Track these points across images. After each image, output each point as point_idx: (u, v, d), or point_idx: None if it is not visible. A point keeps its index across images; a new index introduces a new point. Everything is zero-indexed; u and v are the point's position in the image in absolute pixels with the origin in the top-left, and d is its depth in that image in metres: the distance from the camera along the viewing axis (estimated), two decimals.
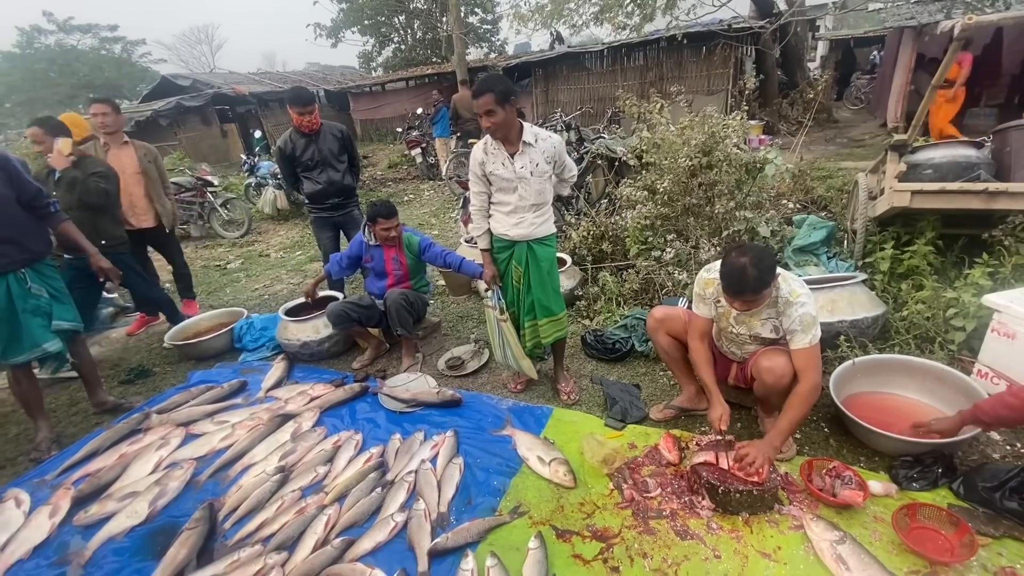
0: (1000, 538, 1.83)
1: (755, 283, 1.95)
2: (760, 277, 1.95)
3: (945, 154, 3.47)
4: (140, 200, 4.11)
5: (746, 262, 1.95)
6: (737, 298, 2.03)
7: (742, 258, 1.96)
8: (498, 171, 2.52)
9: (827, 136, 10.01)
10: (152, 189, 4.12)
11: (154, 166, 4.14)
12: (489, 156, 2.54)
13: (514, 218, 2.61)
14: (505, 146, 2.50)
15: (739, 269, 1.96)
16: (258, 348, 3.77)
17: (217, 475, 2.55)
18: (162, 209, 4.19)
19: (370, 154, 13.85)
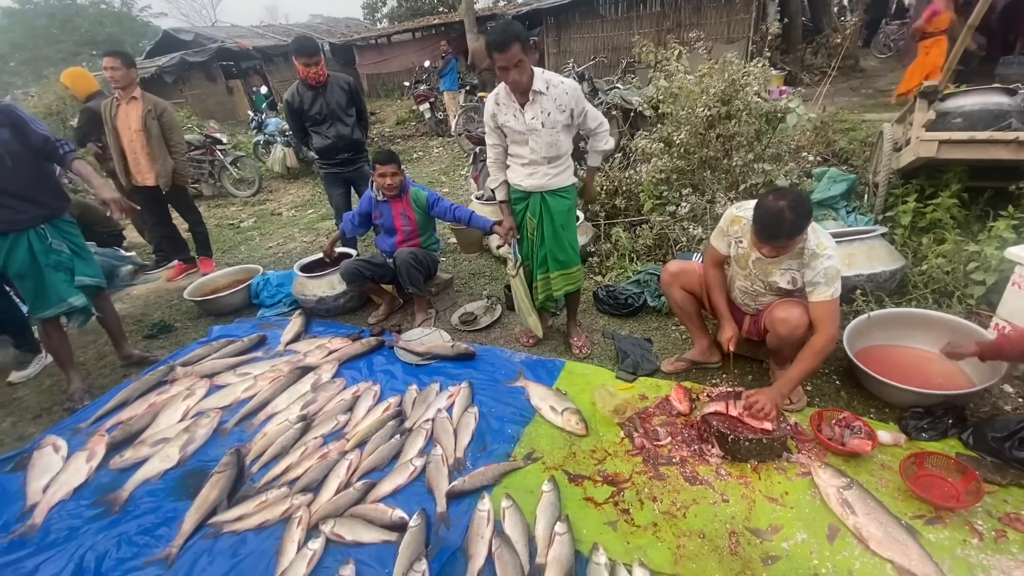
0: (1006, 486, 1.86)
1: (791, 228, 1.91)
2: (796, 222, 1.91)
3: (976, 101, 3.30)
4: (143, 158, 4.08)
5: (784, 206, 1.89)
6: (770, 242, 1.99)
7: (780, 201, 1.91)
8: (510, 123, 2.45)
9: (852, 86, 9.56)
10: (152, 146, 4.04)
11: (157, 122, 4.05)
12: (501, 107, 2.46)
13: (528, 169, 2.55)
14: (516, 96, 2.39)
15: (776, 212, 1.91)
16: (275, 304, 3.84)
17: (242, 423, 2.65)
18: (160, 167, 4.10)
19: (377, 110, 13.57)
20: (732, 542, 1.77)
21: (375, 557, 1.85)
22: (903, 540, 1.68)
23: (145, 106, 4.01)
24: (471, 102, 8.94)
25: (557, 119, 2.39)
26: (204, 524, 2.07)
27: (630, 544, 1.80)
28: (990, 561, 1.63)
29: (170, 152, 4.15)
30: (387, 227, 3.43)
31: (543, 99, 2.36)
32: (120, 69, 3.84)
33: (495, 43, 2.17)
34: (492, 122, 2.53)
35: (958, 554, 1.66)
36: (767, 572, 1.66)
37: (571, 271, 2.77)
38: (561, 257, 2.71)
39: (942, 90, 3.43)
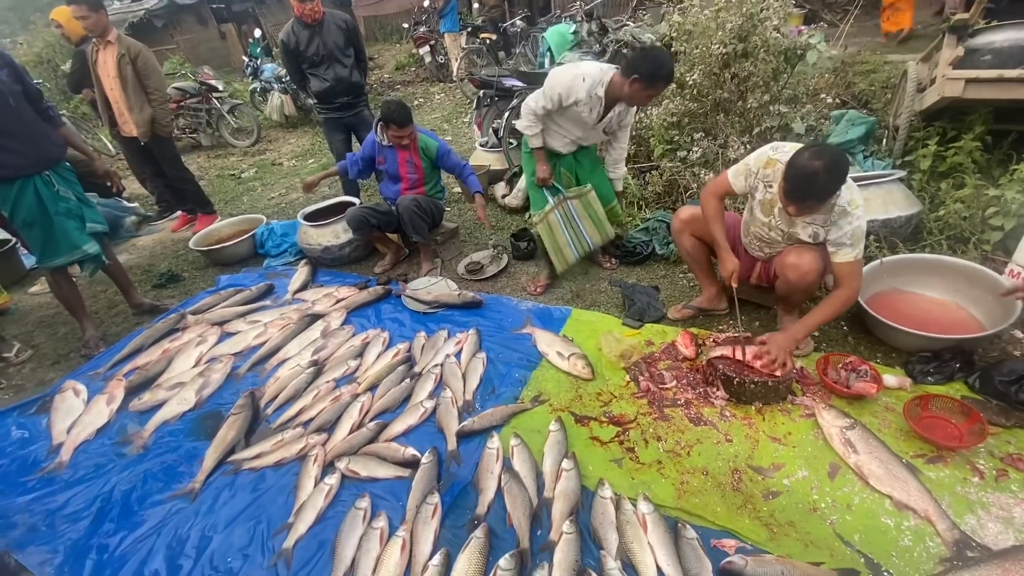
0: (1011, 428, 1.89)
1: (822, 191, 1.82)
2: (830, 185, 1.81)
3: (1008, 37, 3.12)
4: (122, 107, 3.89)
5: (819, 167, 1.77)
6: (798, 203, 1.88)
7: (816, 161, 1.77)
8: (583, 114, 2.58)
9: (875, 24, 9.04)
10: (128, 93, 3.81)
11: (131, 68, 3.76)
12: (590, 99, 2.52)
13: (568, 145, 2.81)
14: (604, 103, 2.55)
15: (810, 173, 1.78)
16: (281, 254, 3.83)
17: (255, 368, 2.71)
18: (138, 116, 3.87)
19: (375, 55, 13.03)
20: (735, 479, 1.82)
21: (389, 491, 1.92)
22: (903, 477, 1.72)
23: (119, 50, 3.74)
24: (473, 44, 8.56)
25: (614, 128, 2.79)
26: (224, 462, 2.15)
27: (635, 480, 1.86)
28: (989, 498, 1.67)
29: (148, 99, 3.89)
30: (392, 174, 3.36)
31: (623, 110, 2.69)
32: (89, 16, 3.56)
33: (657, 77, 2.35)
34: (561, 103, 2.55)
35: (958, 491, 1.70)
36: (768, 506, 1.72)
37: (611, 206, 3.03)
38: (604, 191, 2.96)
39: (973, 25, 3.24)
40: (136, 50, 3.79)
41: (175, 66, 10.65)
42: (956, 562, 1.50)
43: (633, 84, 2.37)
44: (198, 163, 7.06)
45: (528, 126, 2.69)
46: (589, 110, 2.55)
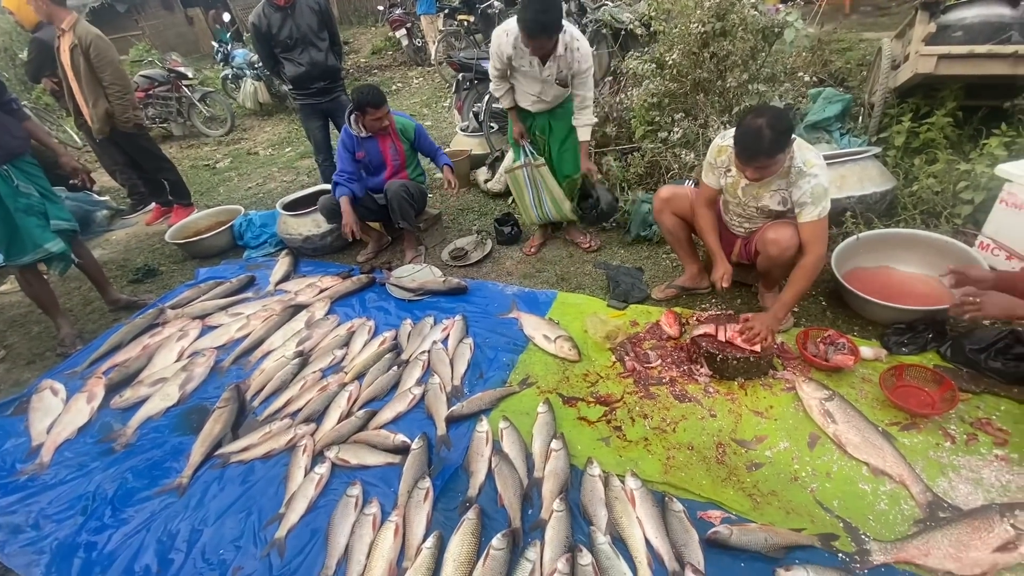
0: (980, 393, 1.96)
1: (770, 146, 1.87)
2: (776, 139, 1.86)
3: (978, 14, 3.15)
4: (80, 102, 3.71)
5: (762, 123, 1.85)
6: (750, 163, 1.95)
7: (758, 119, 1.87)
8: (524, 67, 2.64)
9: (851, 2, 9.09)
10: (82, 86, 3.60)
11: (84, 59, 3.53)
12: (517, 51, 2.59)
13: (535, 104, 2.81)
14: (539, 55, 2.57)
15: (755, 131, 1.87)
16: (261, 245, 3.77)
17: (239, 361, 2.68)
18: (92, 111, 3.67)
19: (351, 39, 12.72)
20: (719, 452, 1.87)
21: (380, 478, 1.93)
22: (879, 444, 1.78)
23: (72, 40, 3.50)
24: (451, 26, 8.40)
25: (564, 77, 2.67)
26: (211, 456, 2.13)
27: (622, 457, 1.90)
28: (960, 461, 1.74)
29: (104, 93, 3.66)
30: (375, 164, 3.26)
31: (560, 60, 2.58)
32: (40, 4, 3.39)
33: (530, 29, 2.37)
34: (502, 60, 2.65)
35: (931, 456, 1.77)
36: (751, 477, 1.77)
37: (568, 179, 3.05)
38: (565, 171, 3.01)
39: (944, 1, 3.28)
40: (88, 39, 3.51)
41: (141, 53, 10.26)
42: (929, 523, 1.57)
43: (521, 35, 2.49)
44: (170, 154, 6.81)
45: (495, 88, 2.87)
46: (529, 63, 2.63)
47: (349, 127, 3.13)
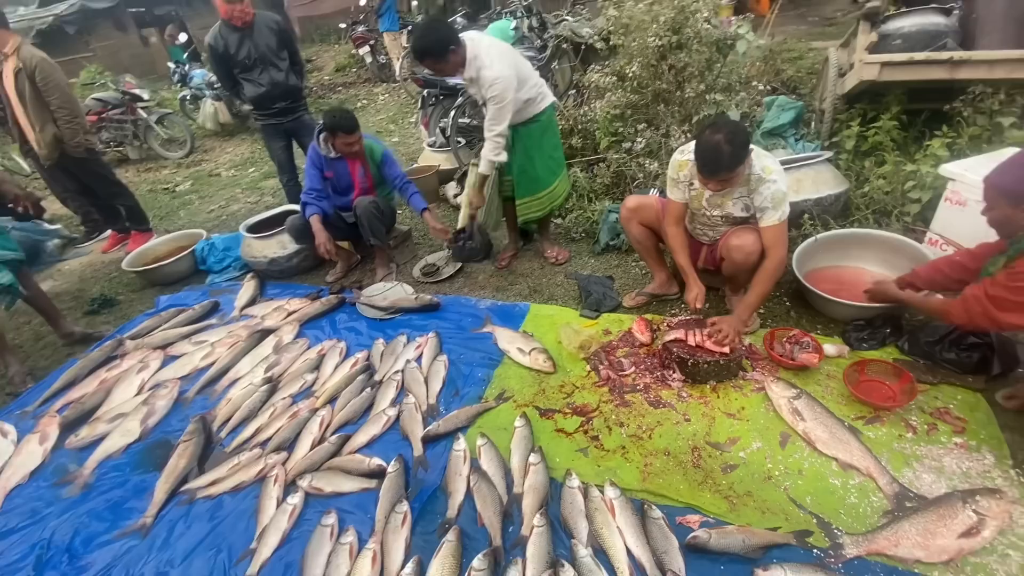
0: (937, 384, 2.04)
1: (730, 160, 1.93)
2: (735, 153, 1.92)
3: (915, 23, 3.35)
4: (25, 125, 3.56)
5: (720, 139, 1.91)
6: (712, 177, 2.00)
7: (716, 135, 1.92)
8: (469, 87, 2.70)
9: (799, 14, 9.53)
10: (28, 111, 3.47)
11: (29, 83, 3.39)
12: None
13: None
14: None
15: (713, 147, 1.92)
16: (224, 269, 3.66)
17: (204, 391, 2.58)
18: (39, 136, 3.53)
19: (314, 56, 12.63)
20: (694, 456, 1.89)
21: (356, 504, 1.88)
22: (846, 439, 1.84)
23: (16, 64, 3.38)
24: None
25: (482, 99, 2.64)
26: (176, 492, 2.04)
27: (601, 467, 1.90)
28: (922, 451, 1.80)
29: (52, 117, 3.51)
30: (343, 185, 3.21)
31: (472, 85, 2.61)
32: None
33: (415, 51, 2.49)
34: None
35: (895, 447, 1.83)
36: (726, 479, 1.79)
37: (549, 190, 2.97)
38: (540, 180, 2.92)
39: (883, 12, 3.46)
40: (33, 63, 3.37)
41: (93, 75, 9.92)
42: (897, 513, 1.62)
43: None
44: (127, 178, 6.62)
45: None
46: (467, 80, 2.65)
47: (318, 146, 3.08)
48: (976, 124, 3.08)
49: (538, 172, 2.90)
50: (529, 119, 2.76)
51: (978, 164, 2.56)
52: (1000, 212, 1.56)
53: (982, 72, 2.96)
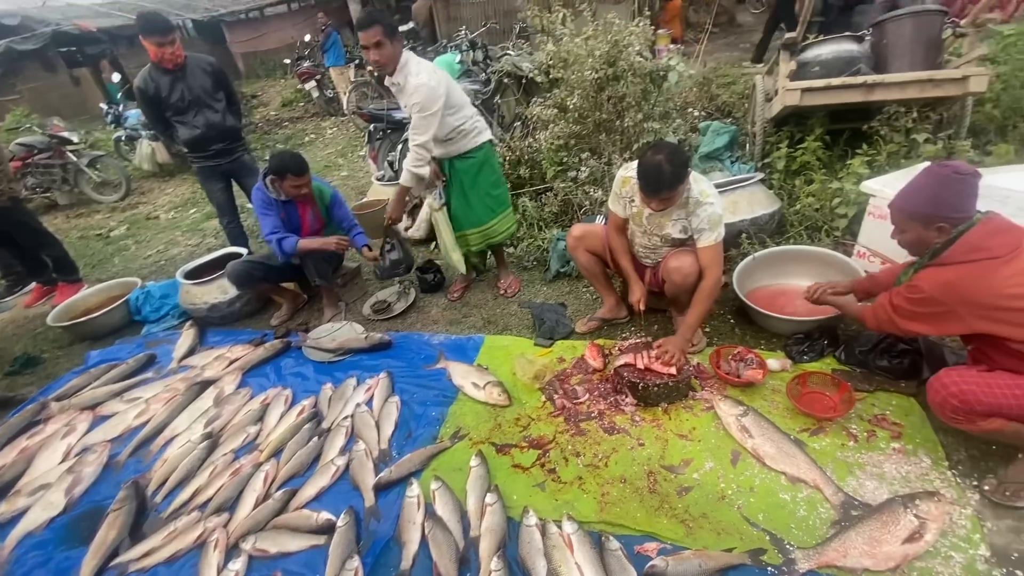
0: (874, 391, 2.13)
1: (671, 179, 2.01)
2: (675, 172, 2.01)
3: (831, 50, 3.61)
4: None
5: (661, 159, 2.00)
6: (654, 196, 2.08)
7: (657, 156, 2.01)
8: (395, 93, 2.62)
9: (730, 42, 10.15)
10: None
11: None
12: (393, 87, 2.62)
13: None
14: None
15: (655, 167, 2.01)
16: (162, 318, 3.47)
17: (138, 453, 2.41)
18: None
19: (259, 92, 12.47)
20: (650, 481, 1.89)
21: (304, 564, 1.78)
22: (793, 453, 1.88)
23: None
24: (361, 77, 8.46)
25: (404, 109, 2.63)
26: (105, 568, 1.88)
27: (558, 501, 1.87)
28: (864, 458, 1.87)
29: None
30: (293, 228, 3.10)
31: (402, 94, 2.54)
32: None
33: (359, 22, 2.40)
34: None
35: (838, 457, 1.88)
36: (682, 502, 1.80)
37: (485, 227, 2.95)
38: (478, 215, 2.90)
39: (800, 41, 3.73)
40: None
41: (19, 119, 9.44)
42: (844, 523, 1.66)
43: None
44: (55, 224, 6.26)
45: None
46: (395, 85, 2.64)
47: (265, 188, 2.97)
48: (893, 141, 3.33)
49: (475, 209, 2.89)
50: (464, 154, 2.74)
51: (895, 180, 2.76)
52: (913, 234, 1.64)
53: (894, 93, 3.22)
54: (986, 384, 1.55)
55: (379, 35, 2.34)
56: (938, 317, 1.60)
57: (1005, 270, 1.49)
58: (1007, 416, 1.54)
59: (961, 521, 1.62)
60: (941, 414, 1.65)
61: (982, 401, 1.54)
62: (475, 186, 2.84)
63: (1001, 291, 1.48)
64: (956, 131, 3.46)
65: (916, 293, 1.62)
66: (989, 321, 1.52)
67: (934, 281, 1.57)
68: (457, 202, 2.88)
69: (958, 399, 1.56)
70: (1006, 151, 3.14)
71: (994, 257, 1.50)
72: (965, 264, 1.53)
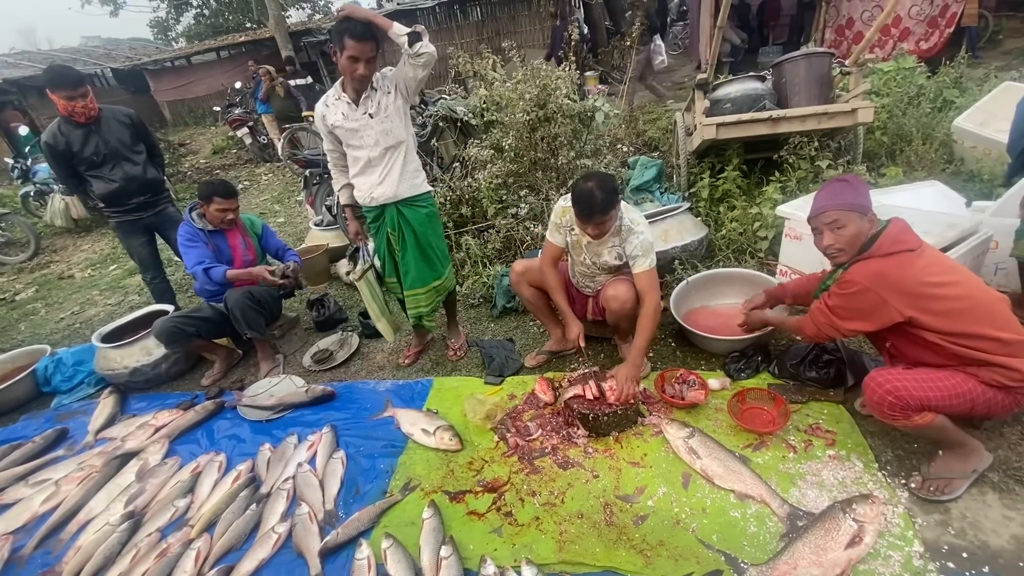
0: (806, 402, 2.25)
1: (603, 204, 2.12)
2: (607, 198, 2.12)
3: (739, 89, 3.96)
4: None
5: (592, 185, 2.12)
6: (589, 221, 2.17)
7: (589, 183, 2.14)
8: (339, 122, 2.42)
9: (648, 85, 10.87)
10: None
11: None
12: (330, 108, 2.45)
13: (374, 175, 2.48)
14: (350, 93, 2.39)
15: (587, 192, 2.12)
16: (76, 387, 3.16)
17: (46, 543, 2.14)
18: None
19: (187, 140, 12.06)
20: (607, 514, 1.88)
21: None
22: (738, 470, 1.93)
23: None
24: (294, 123, 8.36)
25: (388, 104, 2.39)
26: None
27: (516, 545, 1.81)
28: (804, 468, 1.94)
29: None
30: (225, 260, 2.99)
31: (375, 94, 2.38)
32: None
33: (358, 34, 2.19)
34: (324, 126, 2.50)
35: (780, 469, 1.95)
36: (639, 532, 1.79)
37: (442, 280, 2.77)
38: (431, 270, 2.70)
39: (711, 82, 4.06)
40: None
41: None
42: (791, 534, 1.70)
43: None
44: None
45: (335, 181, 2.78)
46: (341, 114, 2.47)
47: (192, 221, 2.90)
48: (801, 168, 3.65)
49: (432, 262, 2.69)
50: (415, 200, 2.57)
51: (806, 204, 3.00)
52: (853, 227, 1.74)
53: (796, 125, 3.56)
54: (914, 380, 1.66)
55: (374, 50, 2.25)
56: (873, 311, 1.71)
57: (920, 260, 1.66)
58: (935, 409, 1.65)
59: (895, 520, 1.71)
60: (879, 411, 1.72)
61: (914, 395, 1.63)
62: (428, 238, 2.64)
63: (921, 279, 1.64)
64: (853, 157, 3.85)
65: (850, 288, 1.73)
66: (916, 310, 1.65)
67: (865, 272, 1.70)
68: (411, 256, 2.61)
69: (893, 396, 1.64)
70: (895, 173, 3.51)
71: (910, 249, 1.67)
72: (890, 256, 1.68)
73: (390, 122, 2.40)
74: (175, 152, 10.37)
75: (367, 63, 2.24)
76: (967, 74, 5.09)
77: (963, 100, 4.43)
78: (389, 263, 2.73)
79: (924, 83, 4.75)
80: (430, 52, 2.27)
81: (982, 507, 1.72)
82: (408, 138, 2.51)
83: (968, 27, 6.86)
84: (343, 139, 2.48)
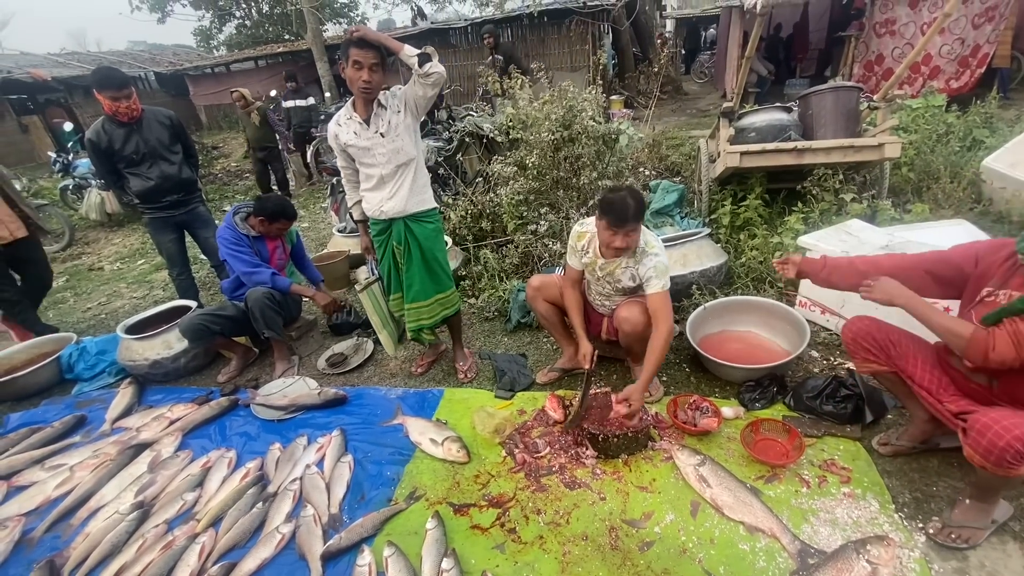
0: (822, 437, 2.20)
1: (635, 211, 2.15)
2: (638, 207, 2.16)
3: (764, 119, 3.97)
4: None
5: (625, 194, 2.16)
6: (623, 228, 2.17)
7: (621, 192, 2.17)
8: (351, 140, 2.46)
9: (677, 108, 10.98)
10: None
11: None
12: (342, 127, 2.49)
13: (384, 190, 2.50)
14: (361, 113, 2.43)
15: (622, 199, 2.14)
16: (97, 376, 3.24)
17: (56, 527, 2.18)
18: None
19: (221, 143, 12.43)
20: (612, 538, 1.85)
21: None
22: (749, 501, 1.89)
23: None
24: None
25: (398, 122, 2.42)
26: None
27: (518, 563, 1.79)
28: (817, 504, 1.89)
29: None
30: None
31: (384, 112, 2.42)
32: None
33: (357, 41, 2.24)
34: (336, 144, 2.56)
35: (793, 504, 1.91)
36: (644, 558, 1.76)
37: (446, 295, 2.76)
38: (435, 284, 2.69)
39: (737, 111, 4.08)
40: None
41: None
42: (801, 572, 1.66)
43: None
44: None
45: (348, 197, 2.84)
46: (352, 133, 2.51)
47: (235, 225, 2.98)
48: (824, 200, 3.62)
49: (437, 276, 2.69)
50: (423, 215, 2.58)
51: (827, 235, 2.99)
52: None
53: (821, 157, 3.56)
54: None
55: (377, 58, 2.27)
56: None
57: None
58: None
59: (910, 564, 1.65)
60: (998, 461, 1.46)
61: None
62: (434, 254, 2.65)
63: None
64: (878, 191, 3.81)
65: None
66: None
67: None
68: (416, 270, 2.62)
69: (1022, 442, 1.40)
70: (922, 209, 3.47)
71: None
72: None
73: (400, 140, 2.44)
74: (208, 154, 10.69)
75: (371, 69, 2.27)
76: (998, 115, 5.02)
77: (993, 140, 4.37)
78: (394, 278, 2.71)
79: (954, 121, 4.70)
80: (439, 72, 2.32)
81: (1002, 556, 1.66)
82: (418, 155, 2.55)
83: (1000, 68, 6.79)
84: (356, 157, 2.52)
